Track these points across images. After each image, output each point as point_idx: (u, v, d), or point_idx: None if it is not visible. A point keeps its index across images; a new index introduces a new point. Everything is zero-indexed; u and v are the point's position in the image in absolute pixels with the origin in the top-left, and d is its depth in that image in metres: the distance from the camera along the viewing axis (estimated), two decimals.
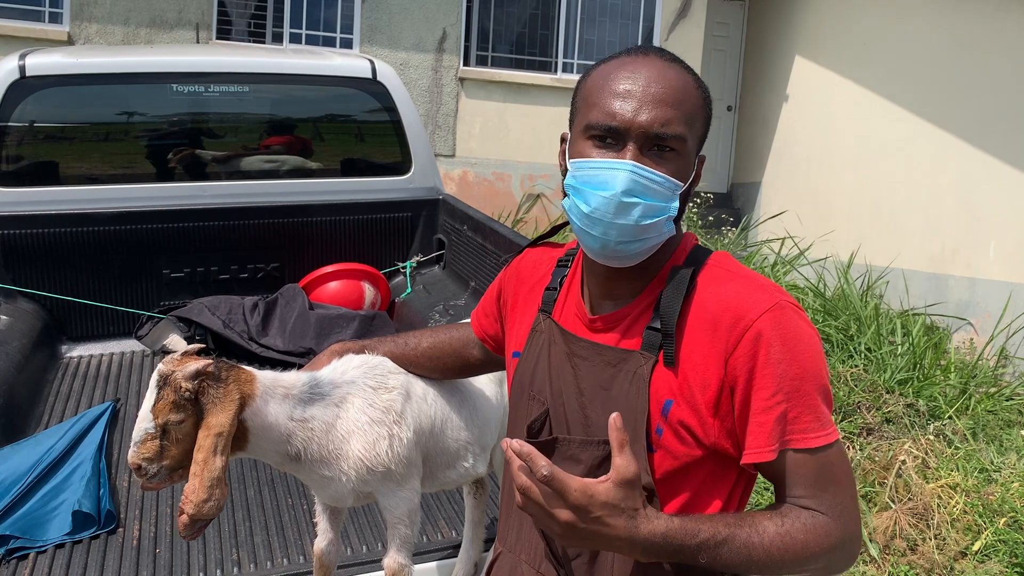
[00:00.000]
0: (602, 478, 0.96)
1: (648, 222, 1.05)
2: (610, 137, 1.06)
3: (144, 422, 1.29)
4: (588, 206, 1.06)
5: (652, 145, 1.05)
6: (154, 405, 1.29)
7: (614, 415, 0.98)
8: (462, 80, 8.01)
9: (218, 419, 1.29)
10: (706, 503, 1.10)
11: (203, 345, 1.49)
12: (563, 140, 1.16)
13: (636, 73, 1.06)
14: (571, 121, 1.15)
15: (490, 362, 1.51)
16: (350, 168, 3.86)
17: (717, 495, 1.10)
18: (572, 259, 1.26)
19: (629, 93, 1.05)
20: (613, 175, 1.04)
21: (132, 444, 1.30)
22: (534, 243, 1.39)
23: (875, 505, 3.67)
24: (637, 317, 1.13)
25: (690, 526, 0.99)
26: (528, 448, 0.96)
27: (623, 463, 0.96)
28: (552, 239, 1.39)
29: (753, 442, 1.03)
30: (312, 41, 7.72)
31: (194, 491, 1.26)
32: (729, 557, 0.99)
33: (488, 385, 1.74)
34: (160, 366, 1.31)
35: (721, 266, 1.11)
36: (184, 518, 1.27)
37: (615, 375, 1.11)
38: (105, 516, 2.11)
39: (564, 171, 1.13)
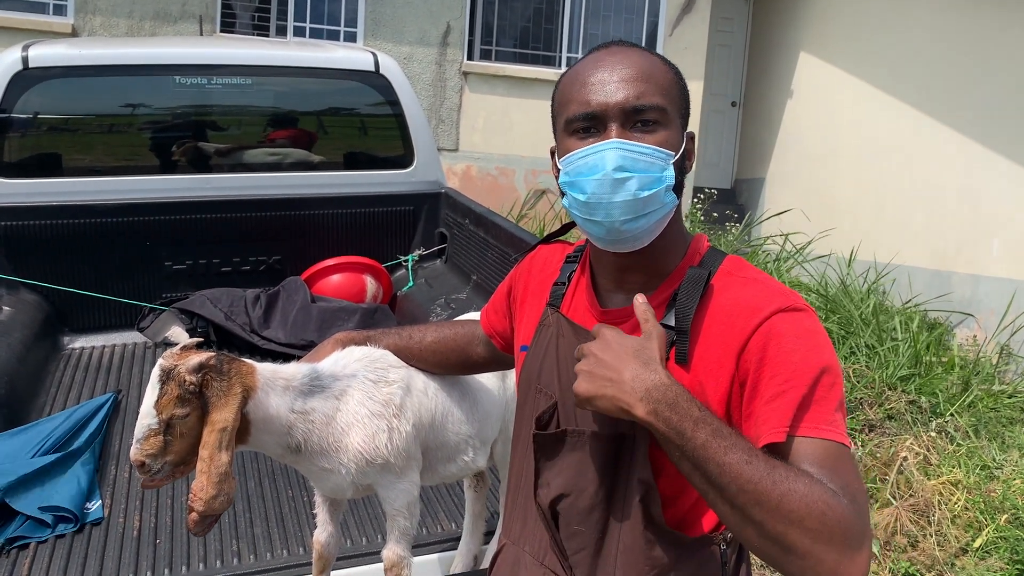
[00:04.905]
0: None
1: (646, 193, 1.04)
2: (591, 126, 1.08)
3: (147, 418, 1.28)
4: (584, 193, 1.07)
5: (634, 121, 1.06)
6: (157, 400, 1.27)
7: (638, 295, 1.07)
8: (466, 74, 7.99)
9: (222, 414, 1.28)
10: None
11: (202, 339, 1.48)
12: (552, 154, 1.18)
13: (603, 62, 1.09)
14: (554, 130, 1.16)
15: (495, 360, 1.51)
16: (353, 161, 3.86)
17: None
18: (581, 255, 1.27)
19: (600, 79, 1.07)
20: (602, 156, 1.05)
21: (135, 441, 1.29)
22: (546, 240, 1.39)
23: (876, 501, 3.67)
24: None
25: (698, 403, 0.97)
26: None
27: (650, 327, 1.04)
28: (564, 237, 1.39)
29: (764, 425, 0.99)
30: (316, 34, 7.71)
31: (202, 488, 1.25)
32: (727, 454, 0.93)
33: (490, 379, 1.74)
34: (161, 361, 1.30)
35: (738, 273, 1.11)
36: (194, 515, 1.26)
37: None
38: (89, 512, 2.11)
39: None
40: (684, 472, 0.97)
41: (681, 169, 1.10)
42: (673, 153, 1.07)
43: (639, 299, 1.06)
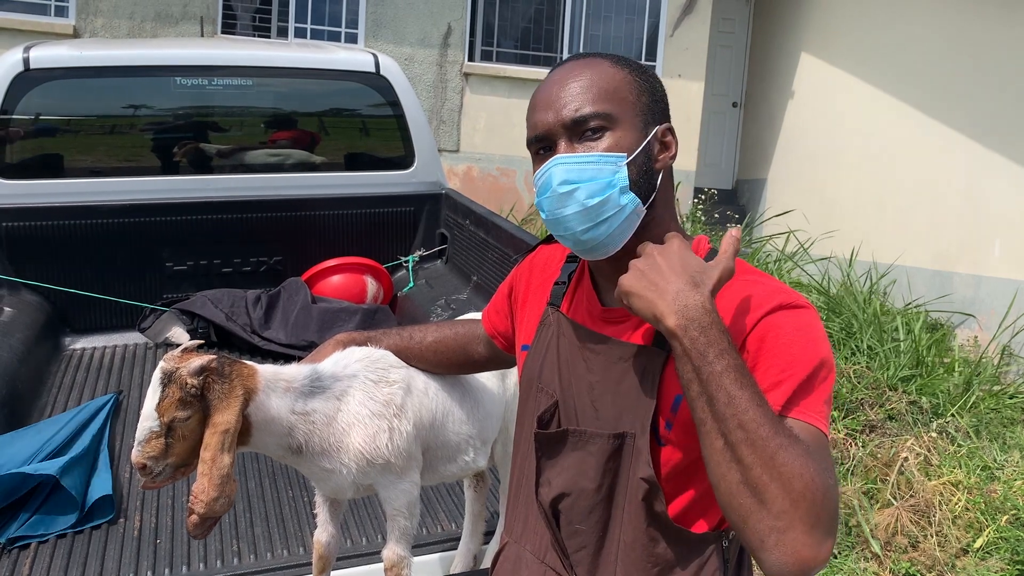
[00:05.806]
0: None
1: (596, 200, 1.06)
2: (546, 146, 1.11)
3: (148, 420, 1.28)
4: (544, 212, 1.10)
5: (579, 134, 1.08)
6: (159, 403, 1.27)
7: (732, 230, 1.05)
8: (467, 75, 8.00)
9: (224, 416, 1.29)
10: (714, 502, 1.10)
11: (203, 341, 1.49)
12: None
13: (547, 82, 1.13)
14: None
15: (495, 359, 1.51)
16: (353, 162, 3.87)
17: None
18: None
19: (543, 101, 1.11)
20: (550, 174, 1.08)
21: (136, 443, 1.29)
22: (547, 240, 1.39)
23: (877, 502, 3.67)
24: None
25: (730, 338, 0.97)
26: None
27: (724, 258, 1.02)
28: None
29: None
30: (317, 35, 7.72)
31: (203, 490, 1.25)
32: (741, 388, 0.93)
33: (490, 379, 1.75)
34: (162, 363, 1.30)
35: (740, 275, 1.10)
36: (194, 518, 1.26)
37: (627, 369, 1.11)
38: (104, 502, 2.12)
39: None
40: (690, 398, 0.97)
41: (644, 167, 1.09)
42: (624, 155, 1.07)
43: (733, 233, 1.07)
